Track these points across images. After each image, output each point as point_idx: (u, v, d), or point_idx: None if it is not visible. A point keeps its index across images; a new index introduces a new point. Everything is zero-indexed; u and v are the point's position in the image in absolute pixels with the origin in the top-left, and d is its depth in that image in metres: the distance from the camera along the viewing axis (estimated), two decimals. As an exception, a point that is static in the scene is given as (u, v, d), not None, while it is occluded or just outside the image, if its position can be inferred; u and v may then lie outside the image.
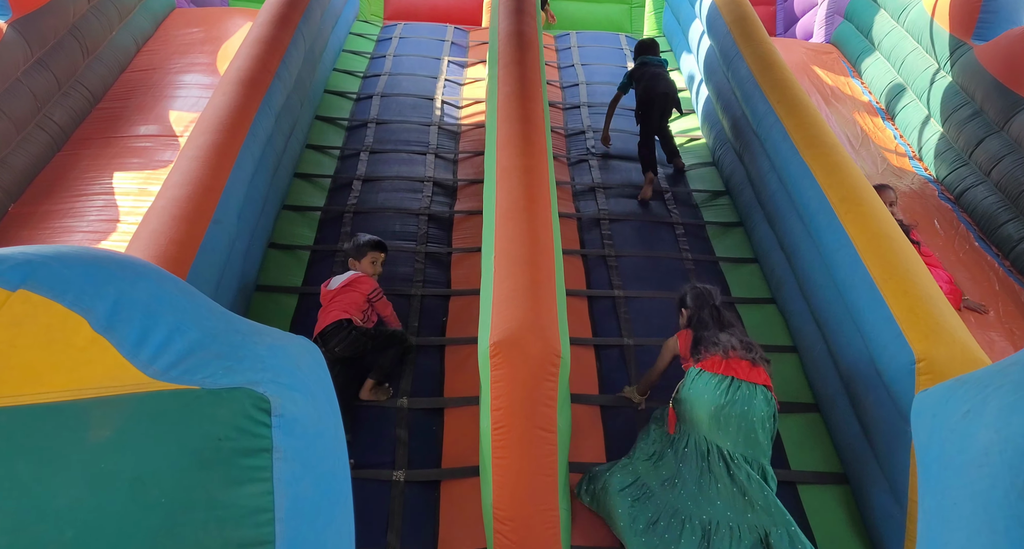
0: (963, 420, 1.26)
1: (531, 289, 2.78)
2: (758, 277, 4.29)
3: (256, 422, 1.26)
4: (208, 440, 1.23)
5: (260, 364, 1.31)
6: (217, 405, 1.25)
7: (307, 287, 4.03)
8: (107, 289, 1.29)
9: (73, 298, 1.25)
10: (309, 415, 1.34)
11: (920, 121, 5.43)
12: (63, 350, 1.24)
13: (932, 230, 4.60)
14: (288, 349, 1.41)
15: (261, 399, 1.27)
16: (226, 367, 1.28)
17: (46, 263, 1.27)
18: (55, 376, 1.24)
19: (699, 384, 2.90)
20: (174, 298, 1.38)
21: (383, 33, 6.98)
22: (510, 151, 3.55)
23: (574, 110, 5.90)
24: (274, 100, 4.26)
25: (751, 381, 2.87)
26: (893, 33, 5.98)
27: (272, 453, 1.26)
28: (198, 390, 1.25)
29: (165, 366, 1.27)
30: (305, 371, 1.39)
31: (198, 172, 3.38)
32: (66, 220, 4.15)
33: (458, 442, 3.26)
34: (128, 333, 1.27)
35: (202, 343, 1.31)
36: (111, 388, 1.24)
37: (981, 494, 1.20)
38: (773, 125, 4.18)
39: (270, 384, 1.29)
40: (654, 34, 7.47)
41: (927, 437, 1.39)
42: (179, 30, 6.21)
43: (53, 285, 1.26)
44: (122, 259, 1.42)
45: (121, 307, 1.29)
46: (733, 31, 5.03)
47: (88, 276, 1.29)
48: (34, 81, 4.66)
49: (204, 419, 1.24)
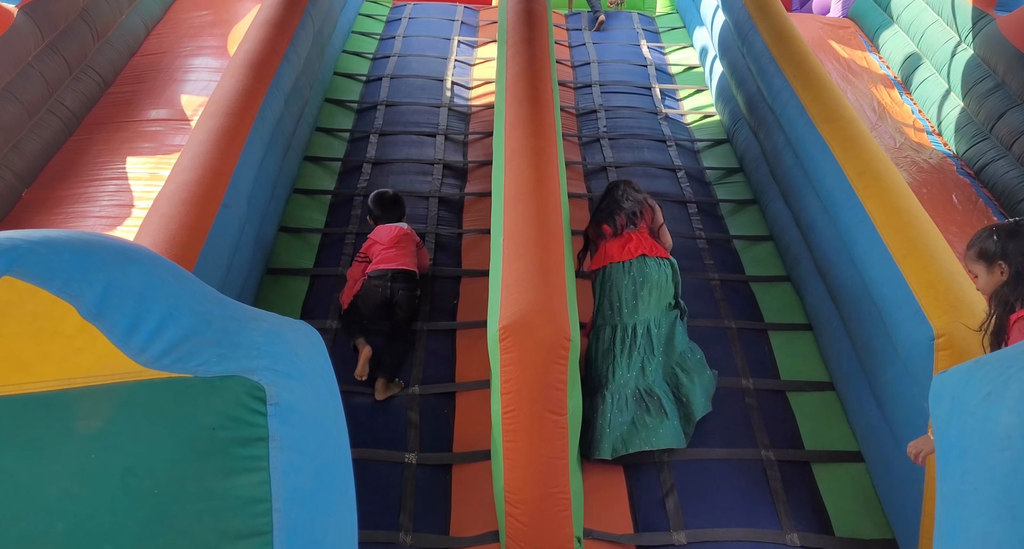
0: (984, 403, 1.22)
1: (540, 272, 2.75)
2: (773, 255, 4.23)
3: (251, 411, 1.24)
4: (202, 429, 1.21)
5: (256, 351, 1.28)
6: (211, 394, 1.22)
7: (318, 269, 4.02)
8: (97, 275, 1.26)
9: (61, 285, 1.23)
10: (307, 403, 1.31)
11: (940, 95, 5.31)
12: (51, 338, 1.22)
13: (951, 205, 4.52)
14: (286, 335, 1.38)
15: (256, 387, 1.24)
16: (220, 354, 1.25)
17: (33, 249, 1.24)
18: (43, 365, 1.21)
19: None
20: (167, 284, 1.35)
21: (392, 14, 6.91)
22: (518, 132, 3.51)
23: (585, 89, 5.82)
24: (283, 83, 4.23)
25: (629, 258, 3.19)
26: (913, 5, 5.83)
27: (268, 442, 1.24)
28: (191, 378, 1.23)
29: (157, 354, 1.25)
30: (303, 358, 1.36)
31: (207, 156, 3.37)
32: (79, 205, 4.16)
33: (469, 425, 3.26)
34: (118, 320, 1.24)
35: (196, 330, 1.29)
36: (101, 377, 1.21)
37: (1002, 478, 1.16)
38: (789, 99, 4.10)
39: (266, 371, 1.26)
40: (667, 12, 7.35)
41: (946, 420, 1.35)
42: (188, 13, 6.18)
43: (40, 271, 1.22)
44: (113, 244, 1.39)
45: (111, 294, 1.26)
46: (748, 5, 4.92)
47: (77, 262, 1.26)
48: (45, 66, 4.66)
49: (198, 408, 1.22)
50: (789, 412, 3.37)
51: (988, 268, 2.19)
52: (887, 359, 2.91)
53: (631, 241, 3.25)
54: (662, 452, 3.13)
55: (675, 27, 6.91)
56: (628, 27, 6.88)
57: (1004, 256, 2.16)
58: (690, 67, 6.18)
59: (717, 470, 3.12)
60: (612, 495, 3.03)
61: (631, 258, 3.21)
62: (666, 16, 7.24)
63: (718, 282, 4.00)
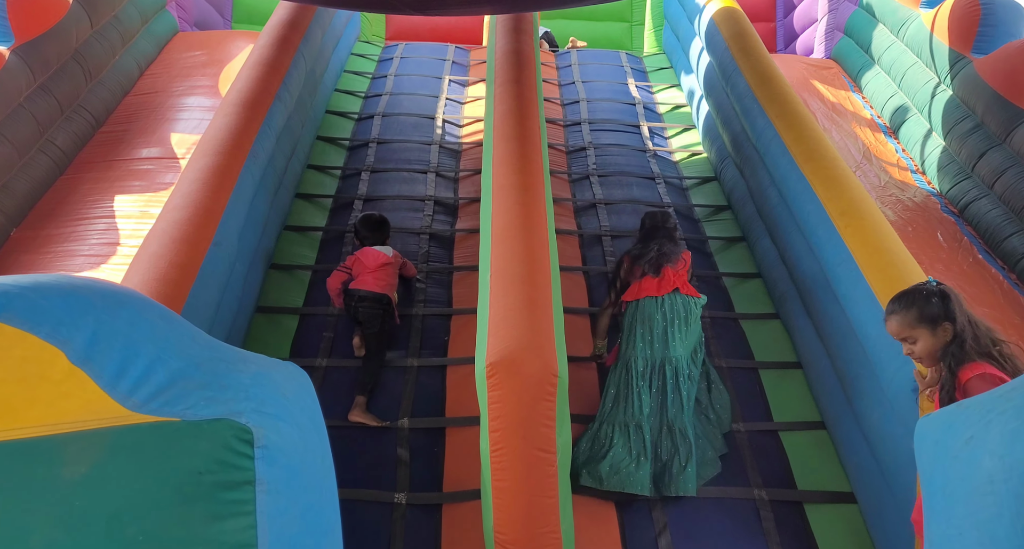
0: (966, 447, 1.23)
1: (527, 308, 2.76)
2: (762, 292, 4.26)
3: (238, 454, 1.23)
4: (188, 474, 1.20)
5: (243, 393, 1.28)
6: (198, 437, 1.22)
7: (308, 308, 4.02)
8: (86, 319, 1.26)
9: (50, 329, 1.23)
10: (294, 445, 1.30)
11: (922, 135, 5.41)
12: (38, 384, 1.22)
13: (936, 243, 4.57)
14: (273, 376, 1.38)
15: (243, 430, 1.24)
16: (208, 397, 1.25)
17: (22, 294, 1.24)
18: (30, 411, 1.21)
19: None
20: (156, 326, 1.35)
21: (384, 53, 7.03)
22: (506, 169, 3.55)
23: (575, 127, 5.91)
24: (275, 121, 4.28)
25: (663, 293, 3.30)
26: (893, 48, 5.98)
27: (255, 486, 1.23)
28: (178, 422, 1.23)
29: (145, 398, 1.25)
30: (291, 399, 1.36)
31: (198, 194, 3.39)
32: (68, 244, 4.15)
33: (460, 463, 3.22)
34: (106, 364, 1.25)
35: (184, 373, 1.29)
36: (88, 422, 1.21)
37: (986, 523, 1.16)
38: (772, 139, 4.17)
39: (253, 414, 1.26)
40: (654, 52, 7.51)
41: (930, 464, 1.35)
42: (182, 53, 6.26)
43: (29, 316, 1.23)
44: (102, 287, 1.40)
45: (100, 338, 1.26)
46: (731, 47, 5.04)
47: (66, 306, 1.27)
48: (36, 106, 4.69)
49: (184, 452, 1.21)
50: (782, 451, 3.36)
51: (932, 331, 2.30)
52: (874, 400, 2.91)
53: (666, 278, 3.35)
54: (655, 491, 3.10)
55: (662, 67, 7.05)
56: (617, 66, 7.01)
57: (947, 317, 2.28)
58: (677, 106, 6.29)
59: (710, 509, 3.09)
60: (603, 534, 2.99)
61: (666, 293, 3.31)
62: (654, 56, 7.40)
63: (708, 320, 4.01)
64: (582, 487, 3.08)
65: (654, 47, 7.55)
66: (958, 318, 2.27)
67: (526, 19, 5.27)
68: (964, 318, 2.27)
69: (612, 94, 6.41)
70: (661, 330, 3.25)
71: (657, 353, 3.23)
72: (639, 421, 3.15)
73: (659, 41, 7.51)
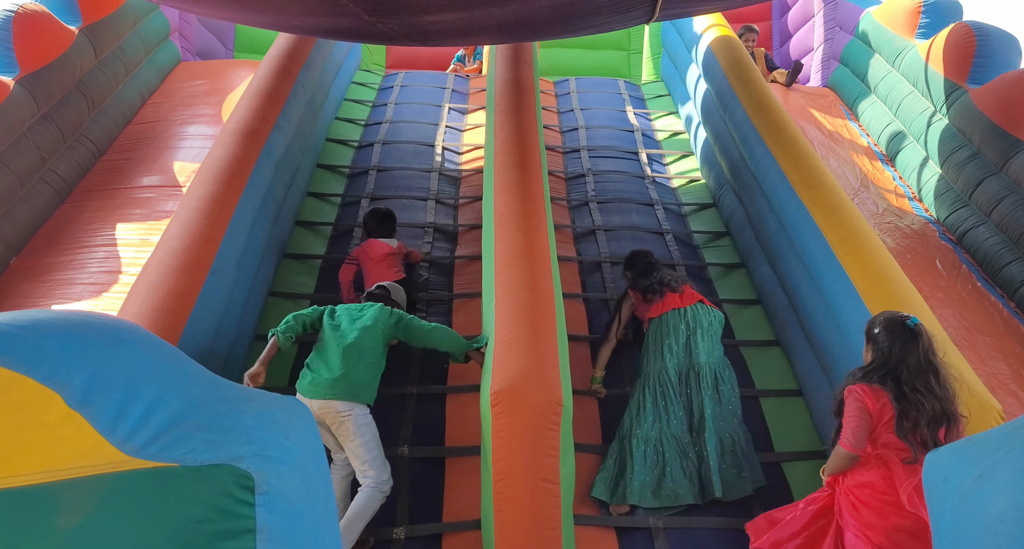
0: (976, 485, 1.21)
1: (531, 337, 2.75)
2: (762, 319, 4.25)
3: (239, 501, 1.20)
4: (187, 523, 1.16)
5: (245, 436, 1.25)
6: (197, 484, 1.18)
7: (308, 336, 3.99)
8: (85, 360, 1.23)
9: (47, 372, 1.20)
10: (296, 490, 1.27)
11: (919, 163, 5.45)
12: (34, 429, 1.18)
13: (934, 270, 4.57)
14: (276, 416, 1.36)
15: (244, 476, 1.20)
16: (208, 441, 1.22)
17: (21, 335, 1.21)
18: (25, 458, 1.17)
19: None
20: (158, 365, 1.33)
21: (384, 81, 7.09)
22: (507, 197, 3.56)
23: (574, 154, 5.94)
24: (274, 150, 4.30)
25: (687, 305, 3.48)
26: (889, 77, 6.05)
27: (256, 534, 1.19)
28: (177, 468, 1.19)
29: (143, 442, 1.21)
30: (294, 440, 1.33)
31: (197, 223, 3.40)
32: (67, 272, 4.15)
33: (460, 494, 3.19)
34: (105, 407, 1.22)
35: (184, 414, 1.26)
36: (85, 468, 1.17)
37: (997, 562, 1.14)
38: (770, 167, 4.19)
39: (255, 458, 1.23)
40: (652, 79, 7.58)
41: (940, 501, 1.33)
42: (184, 82, 6.31)
43: (26, 358, 1.20)
44: (102, 325, 1.38)
45: (99, 379, 1.23)
46: (729, 75, 5.09)
47: (65, 346, 1.24)
48: (39, 136, 4.72)
49: (183, 500, 1.17)
50: (784, 481, 3.32)
51: (865, 346, 2.66)
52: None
53: (686, 293, 3.56)
54: (657, 518, 3.07)
55: (660, 95, 7.12)
56: (615, 93, 7.08)
57: (872, 341, 2.61)
58: (675, 133, 6.34)
59: (712, 540, 3.05)
60: (605, 566, 2.95)
61: (689, 305, 3.50)
62: (651, 84, 7.47)
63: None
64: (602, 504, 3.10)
65: (652, 75, 7.63)
66: (883, 349, 2.54)
67: (525, 48, 5.34)
68: (894, 352, 2.51)
69: (610, 121, 6.46)
70: (684, 339, 3.41)
71: (683, 363, 3.38)
72: (676, 433, 3.25)
73: (657, 69, 7.59)
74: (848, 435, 2.53)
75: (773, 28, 8.42)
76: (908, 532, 2.41)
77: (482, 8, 2.82)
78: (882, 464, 2.50)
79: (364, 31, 3.31)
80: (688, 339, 3.40)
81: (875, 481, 2.48)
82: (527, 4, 2.78)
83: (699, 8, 3.92)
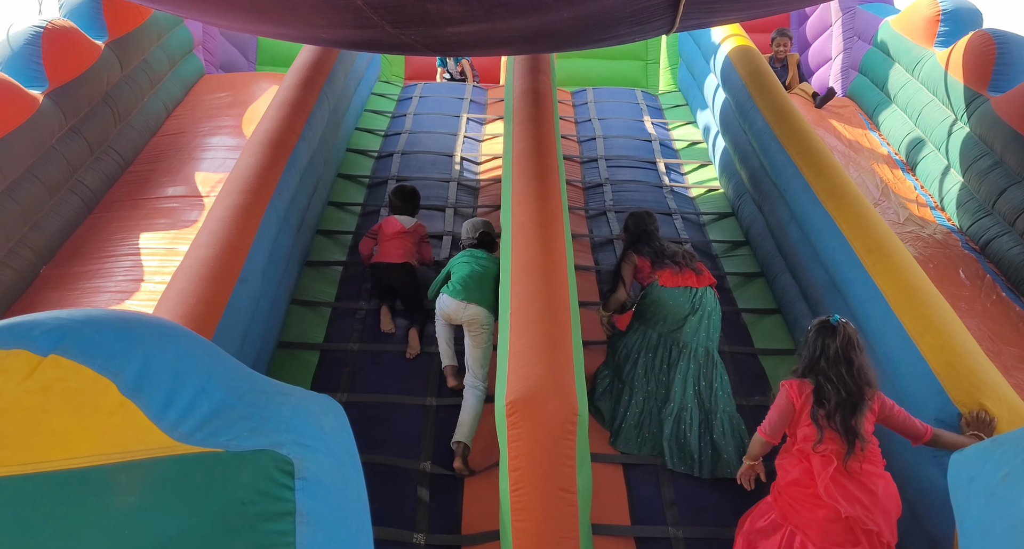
0: (1003, 484, 1.21)
1: (547, 346, 2.76)
2: (782, 328, 4.24)
3: (280, 485, 1.25)
4: (232, 504, 1.22)
5: (284, 425, 1.31)
6: (241, 468, 1.24)
7: (328, 344, 4.04)
8: (136, 352, 1.30)
9: (102, 362, 1.27)
10: (332, 477, 1.32)
11: (940, 172, 5.42)
12: (91, 415, 1.25)
13: (958, 280, 4.54)
14: (312, 409, 1.41)
15: (285, 461, 1.26)
16: (251, 429, 1.28)
17: (77, 328, 1.29)
18: (83, 441, 1.24)
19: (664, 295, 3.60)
20: (200, 359, 1.38)
21: (404, 92, 7.17)
22: (525, 207, 3.58)
23: (591, 163, 5.97)
24: (298, 160, 4.36)
25: (703, 286, 3.61)
26: (908, 86, 6.03)
27: (295, 517, 1.24)
28: (222, 453, 1.25)
29: (190, 429, 1.27)
30: (328, 431, 1.38)
31: (225, 232, 3.45)
32: (95, 281, 4.22)
33: (479, 505, 3.20)
34: (155, 396, 1.28)
35: (227, 404, 1.31)
36: (137, 452, 1.24)
37: (1028, 561, 1.14)
38: (792, 176, 4.19)
39: (294, 445, 1.28)
40: (669, 89, 7.60)
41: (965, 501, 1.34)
42: (208, 95, 6.42)
43: (83, 349, 1.27)
44: (150, 321, 1.44)
45: (148, 370, 1.30)
46: (748, 84, 5.10)
47: (118, 340, 1.31)
48: (68, 148, 4.82)
49: (228, 482, 1.23)
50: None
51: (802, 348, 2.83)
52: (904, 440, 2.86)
53: (704, 275, 3.68)
54: (677, 528, 3.06)
55: (678, 104, 7.14)
56: (632, 103, 7.10)
57: (805, 341, 2.80)
58: (693, 142, 6.35)
59: None
60: (626, 575, 2.94)
61: (704, 285, 3.62)
62: (669, 93, 7.49)
63: (728, 355, 3.99)
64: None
65: (669, 84, 7.65)
66: (809, 345, 2.75)
67: (543, 59, 5.37)
68: (817, 347, 2.71)
69: (628, 131, 6.48)
70: (682, 318, 3.55)
71: (680, 337, 3.53)
72: (659, 389, 3.48)
73: (675, 79, 7.61)
74: (765, 423, 2.78)
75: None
76: (838, 522, 2.54)
77: (503, 20, 2.85)
78: (803, 458, 2.66)
79: (387, 43, 3.36)
80: (686, 319, 3.54)
81: (800, 477, 2.64)
82: (548, 16, 2.81)
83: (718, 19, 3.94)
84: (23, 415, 1.25)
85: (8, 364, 1.27)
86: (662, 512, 3.14)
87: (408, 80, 7.74)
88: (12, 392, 1.26)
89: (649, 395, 3.50)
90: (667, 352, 3.55)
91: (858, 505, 2.53)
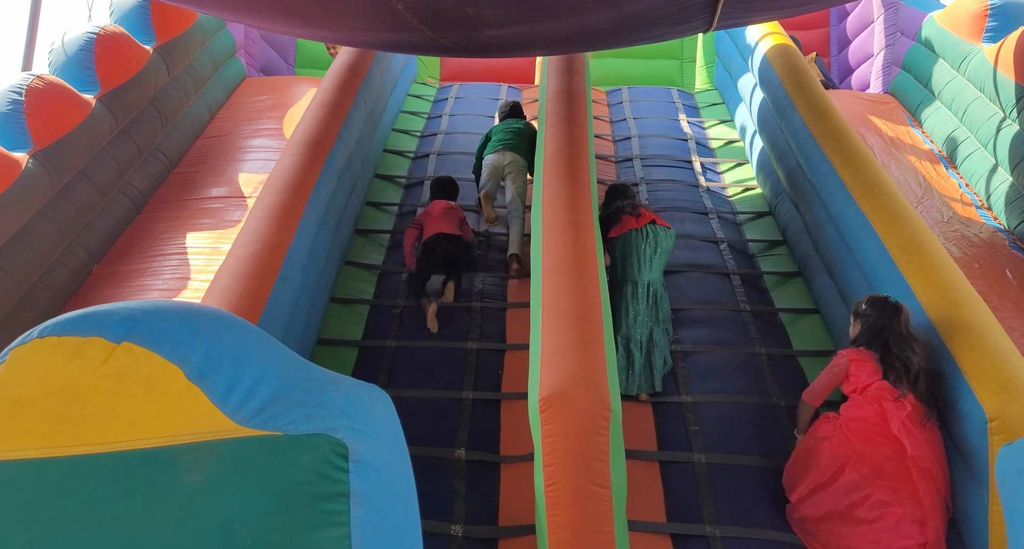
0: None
1: (579, 343, 2.78)
2: (820, 328, 4.19)
3: (335, 467, 1.32)
4: (290, 484, 1.29)
5: (338, 411, 1.37)
6: (299, 450, 1.31)
7: (367, 341, 4.11)
8: (199, 341, 1.38)
9: (170, 349, 1.36)
10: (383, 461, 1.38)
11: (987, 170, 5.29)
12: (161, 398, 1.34)
13: (1005, 280, 4.43)
14: (362, 397, 1.47)
15: (339, 445, 1.33)
16: (306, 414, 1.34)
17: (147, 317, 1.38)
18: (153, 423, 1.33)
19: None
20: (257, 348, 1.46)
21: (439, 94, 7.24)
22: (556, 207, 3.61)
23: (627, 163, 5.96)
24: (336, 161, 4.45)
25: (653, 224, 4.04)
26: (954, 82, 5.90)
27: (350, 498, 1.31)
28: (281, 436, 1.32)
29: (251, 413, 1.35)
30: (378, 418, 1.44)
31: (266, 231, 3.54)
32: (143, 279, 4.36)
33: (515, 499, 3.23)
34: (218, 382, 1.36)
35: (284, 391, 1.39)
36: (203, 434, 1.32)
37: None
38: (829, 174, 4.14)
39: (347, 430, 1.34)
40: (705, 88, 7.55)
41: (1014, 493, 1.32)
42: (249, 98, 6.57)
43: (153, 337, 1.36)
44: (211, 312, 1.52)
45: (211, 358, 1.38)
46: (786, 83, 5.05)
47: (183, 329, 1.39)
48: (118, 150, 4.99)
49: (287, 464, 1.30)
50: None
51: (854, 321, 3.16)
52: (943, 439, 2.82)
53: (644, 216, 4.10)
54: (714, 527, 3.05)
55: (714, 103, 7.08)
56: (668, 102, 7.07)
57: (858, 315, 3.11)
58: (730, 141, 6.30)
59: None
60: (661, 571, 2.95)
61: (645, 224, 4.03)
62: (705, 92, 7.43)
63: (764, 356, 3.96)
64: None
65: (706, 83, 7.59)
66: (870, 320, 3.04)
67: (578, 59, 5.38)
68: (879, 322, 3.00)
69: (664, 130, 6.45)
70: (647, 257, 3.94)
71: (644, 276, 3.92)
72: (635, 334, 3.81)
73: (710, 77, 7.55)
74: (812, 388, 3.10)
75: (831, 35, 8.29)
76: (895, 460, 2.78)
77: (541, 22, 2.88)
78: (875, 402, 2.89)
79: (425, 45, 3.41)
80: (649, 257, 3.95)
81: (868, 415, 2.88)
82: (586, 18, 2.83)
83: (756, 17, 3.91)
84: (100, 398, 1.34)
85: (86, 350, 1.37)
86: (699, 510, 3.14)
87: (444, 81, 7.81)
88: (90, 377, 1.35)
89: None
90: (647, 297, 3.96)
91: (923, 449, 2.72)
